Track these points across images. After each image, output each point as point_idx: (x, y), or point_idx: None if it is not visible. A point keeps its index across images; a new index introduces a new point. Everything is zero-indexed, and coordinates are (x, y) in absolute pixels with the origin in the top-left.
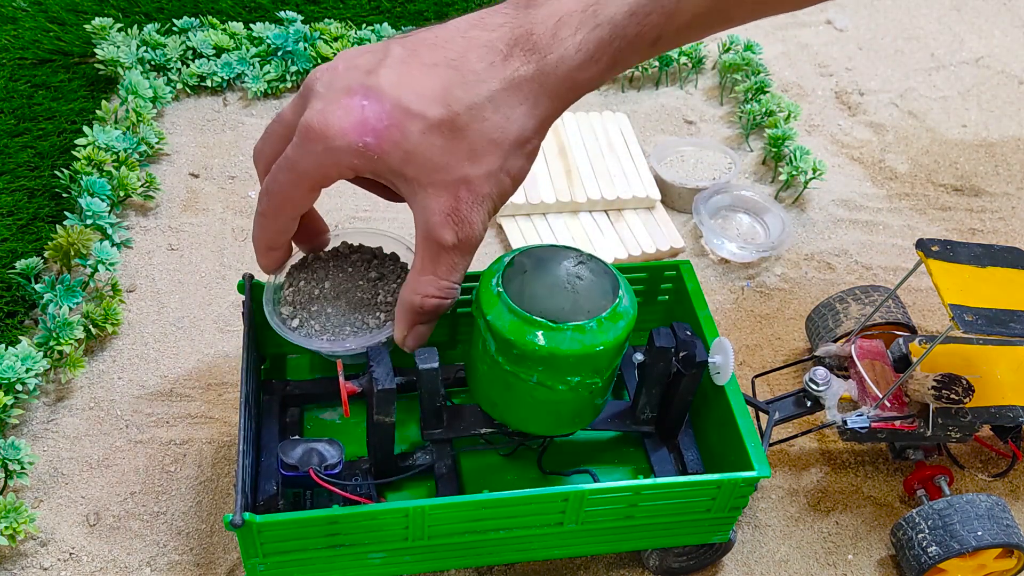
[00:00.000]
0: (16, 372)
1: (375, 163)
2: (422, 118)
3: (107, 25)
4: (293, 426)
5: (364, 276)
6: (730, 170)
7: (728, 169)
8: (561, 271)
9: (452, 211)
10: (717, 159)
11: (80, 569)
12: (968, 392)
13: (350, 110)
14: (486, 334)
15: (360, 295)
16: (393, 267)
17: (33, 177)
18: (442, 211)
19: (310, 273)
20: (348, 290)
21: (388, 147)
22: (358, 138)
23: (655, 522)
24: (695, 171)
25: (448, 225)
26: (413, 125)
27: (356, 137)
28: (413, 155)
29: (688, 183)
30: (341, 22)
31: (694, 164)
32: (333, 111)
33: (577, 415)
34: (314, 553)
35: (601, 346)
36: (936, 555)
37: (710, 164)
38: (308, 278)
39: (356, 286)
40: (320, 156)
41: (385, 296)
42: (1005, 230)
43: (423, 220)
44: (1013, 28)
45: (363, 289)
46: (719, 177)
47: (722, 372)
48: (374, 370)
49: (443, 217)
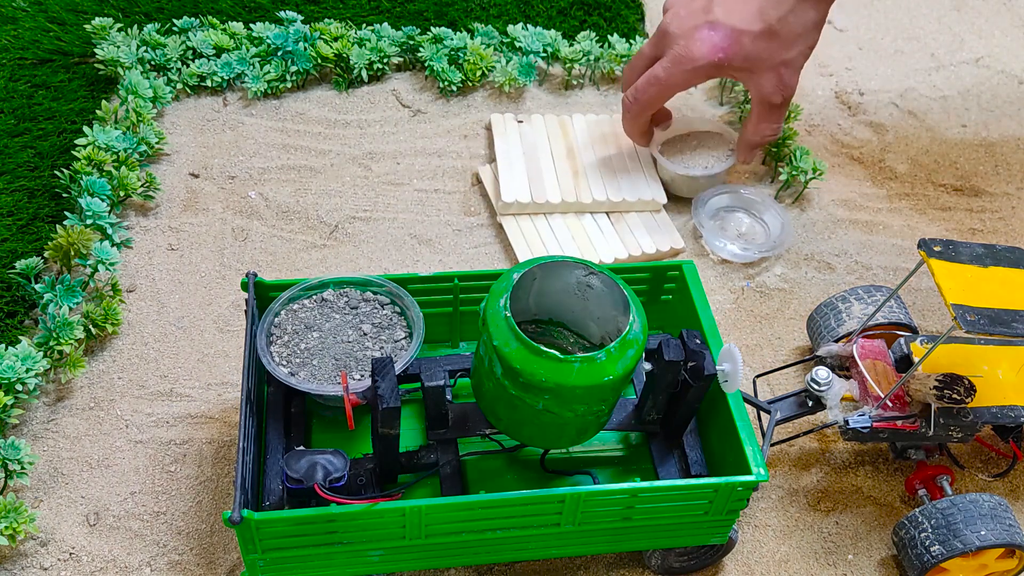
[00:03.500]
0: (16, 372)
1: (724, 69)
2: (750, 33)
3: (107, 25)
4: (299, 418)
5: (352, 328)
6: (728, 158)
7: (727, 157)
8: (572, 279)
9: (778, 82)
10: (716, 144)
11: (80, 569)
12: (970, 392)
13: (704, 40)
14: (492, 355)
15: (346, 347)
16: (378, 316)
17: (33, 177)
18: (772, 84)
19: (296, 323)
20: (334, 344)
21: (733, 57)
22: (714, 56)
23: (653, 524)
24: (694, 158)
25: (777, 92)
26: (745, 39)
27: (713, 55)
28: (749, 56)
29: (691, 171)
30: (341, 22)
31: (695, 147)
32: (694, 42)
33: (581, 433)
34: (313, 550)
35: (609, 377)
36: (939, 554)
37: (709, 151)
38: (295, 329)
39: (343, 338)
40: (691, 72)
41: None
42: (1005, 230)
43: (759, 91)
44: (1013, 28)
45: (350, 340)
46: (711, 166)
47: (731, 380)
48: (379, 386)
49: (773, 88)
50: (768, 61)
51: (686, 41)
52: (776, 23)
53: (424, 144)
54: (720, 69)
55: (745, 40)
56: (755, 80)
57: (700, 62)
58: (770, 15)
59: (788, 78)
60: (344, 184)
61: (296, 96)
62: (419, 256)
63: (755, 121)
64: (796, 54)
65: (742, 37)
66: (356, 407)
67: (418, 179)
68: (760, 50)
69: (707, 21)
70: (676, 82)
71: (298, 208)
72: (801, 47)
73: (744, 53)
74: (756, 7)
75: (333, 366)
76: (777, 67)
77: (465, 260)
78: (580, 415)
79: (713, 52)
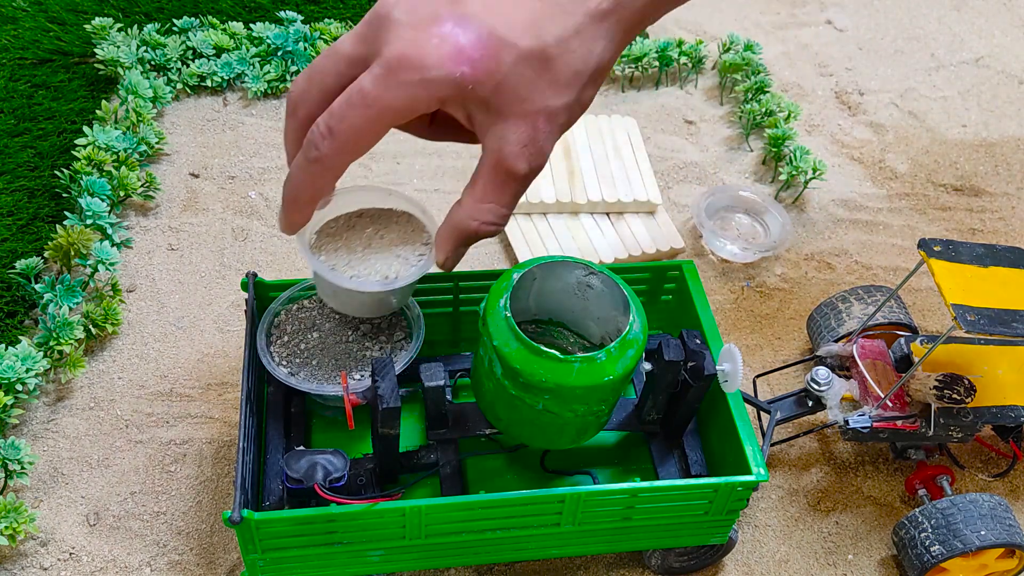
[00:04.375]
0: (16, 372)
1: (465, 93)
2: (514, 47)
3: (107, 25)
4: (299, 418)
5: (352, 328)
6: (422, 258)
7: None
8: (572, 279)
9: (530, 141)
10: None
11: (80, 569)
12: (970, 392)
13: (444, 38)
14: (492, 355)
15: (346, 347)
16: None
17: (33, 177)
18: (519, 141)
19: (296, 324)
20: (334, 344)
21: (482, 76)
22: (455, 67)
23: (653, 524)
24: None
25: (523, 155)
26: (506, 54)
27: (453, 66)
28: (502, 85)
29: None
30: (341, 22)
31: (368, 242)
32: (427, 39)
33: (581, 433)
34: (313, 550)
35: (609, 377)
36: (939, 554)
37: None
38: (295, 329)
39: (343, 338)
40: (413, 88)
41: (373, 352)
42: (1005, 230)
43: (496, 149)
44: (1013, 28)
45: (350, 340)
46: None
47: (731, 380)
48: (379, 386)
49: (519, 148)
50: (526, 102)
51: (415, 35)
52: (553, 45)
53: (424, 144)
54: (459, 92)
55: (505, 57)
56: (497, 129)
57: (432, 72)
58: (547, 31)
59: (544, 137)
60: (344, 184)
61: None
62: None
63: (478, 193)
64: (566, 103)
65: (502, 51)
66: (356, 407)
67: (418, 179)
68: (520, 79)
69: (454, 13)
70: (394, 104)
71: None
72: (575, 95)
73: (498, 77)
74: (528, 14)
75: (333, 366)
76: (535, 115)
77: (465, 260)
78: (580, 415)
79: (455, 60)
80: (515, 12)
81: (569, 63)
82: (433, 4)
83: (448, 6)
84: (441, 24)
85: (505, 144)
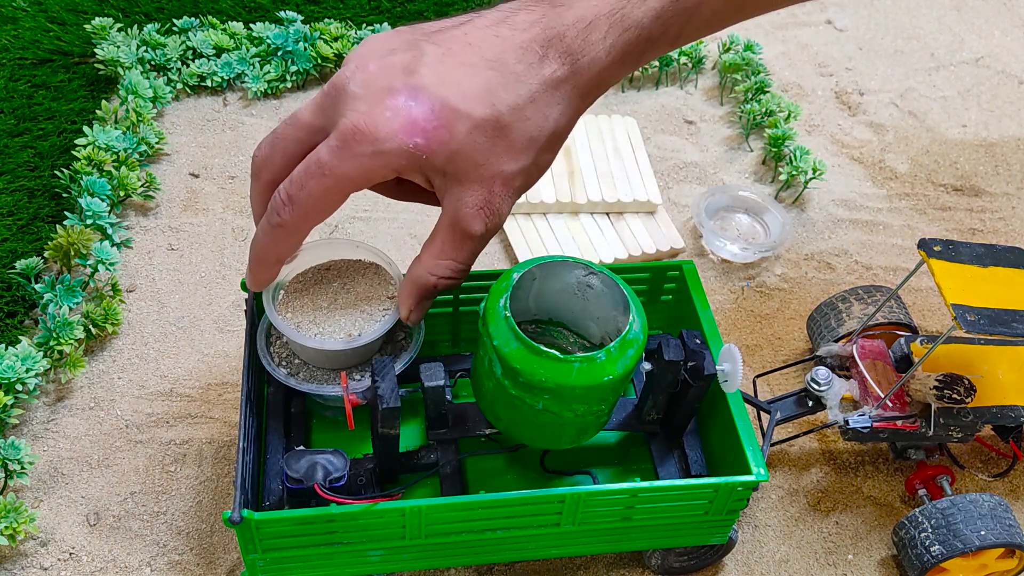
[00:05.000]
0: (16, 372)
1: (420, 163)
2: (468, 117)
3: (107, 25)
4: (299, 418)
5: None
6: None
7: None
8: (572, 279)
9: (485, 204)
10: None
11: (80, 569)
12: (970, 392)
13: (397, 111)
14: (492, 355)
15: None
16: None
17: (33, 177)
18: (475, 204)
19: None
20: None
21: (436, 146)
22: (408, 139)
23: (653, 524)
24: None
25: (480, 217)
26: (460, 124)
27: (406, 138)
28: (457, 153)
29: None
30: (341, 22)
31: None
32: (380, 112)
33: (581, 433)
34: (313, 550)
35: (609, 377)
36: (939, 554)
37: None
38: None
39: None
40: (367, 160)
41: None
42: (1005, 230)
43: (453, 210)
44: (1013, 28)
45: None
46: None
47: (731, 380)
48: (379, 386)
49: (476, 210)
50: (482, 167)
51: (369, 108)
52: (507, 113)
53: None
54: (414, 162)
55: (459, 127)
56: (454, 192)
57: (385, 144)
58: (501, 99)
59: (500, 200)
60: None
61: (296, 96)
62: None
63: (436, 250)
64: (522, 167)
65: (456, 121)
66: (356, 407)
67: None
68: (475, 148)
69: (407, 85)
70: (350, 174)
71: None
72: (531, 159)
73: (452, 147)
74: (483, 83)
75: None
76: (491, 180)
77: None
78: (580, 415)
79: (408, 132)
80: (470, 82)
81: (524, 130)
82: (388, 77)
83: (402, 78)
84: (395, 97)
85: (462, 206)
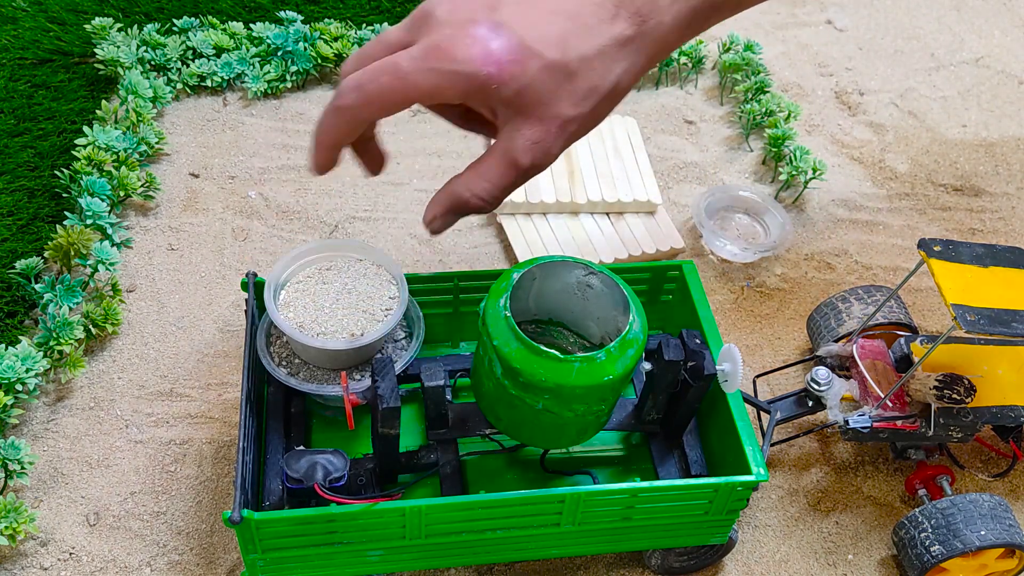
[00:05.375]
0: (16, 372)
1: (489, 92)
2: (540, 57)
3: (107, 25)
4: (299, 418)
5: None
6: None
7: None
8: (572, 279)
9: (540, 140)
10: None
11: (80, 569)
12: (970, 392)
13: (477, 39)
14: (492, 355)
15: None
16: None
17: (33, 177)
18: (531, 138)
19: None
20: None
21: (507, 79)
22: (483, 67)
23: (653, 524)
24: (334, 316)
25: (531, 151)
26: (532, 63)
27: (481, 65)
28: (526, 89)
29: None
30: (341, 22)
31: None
32: (462, 38)
33: (581, 433)
34: (313, 550)
35: (609, 377)
36: (939, 554)
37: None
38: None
39: None
40: (441, 76)
41: None
42: (1005, 230)
43: (508, 139)
44: (1013, 28)
45: None
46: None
47: (731, 380)
48: (379, 386)
49: (529, 143)
50: (545, 106)
51: (453, 32)
52: (576, 60)
53: (424, 144)
54: (482, 89)
55: (531, 65)
56: (514, 123)
57: (461, 66)
58: (573, 47)
59: (553, 140)
60: (344, 184)
61: (296, 96)
62: (419, 256)
63: (481, 169)
64: (580, 113)
65: (529, 59)
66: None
67: (418, 179)
68: (542, 86)
69: (490, 19)
70: (421, 83)
71: (298, 208)
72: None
73: (522, 81)
74: (558, 30)
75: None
76: (551, 120)
77: (465, 260)
78: (580, 415)
79: (484, 61)
80: (546, 27)
81: (589, 79)
82: (472, 9)
83: (486, 12)
84: (477, 27)
85: (518, 136)
